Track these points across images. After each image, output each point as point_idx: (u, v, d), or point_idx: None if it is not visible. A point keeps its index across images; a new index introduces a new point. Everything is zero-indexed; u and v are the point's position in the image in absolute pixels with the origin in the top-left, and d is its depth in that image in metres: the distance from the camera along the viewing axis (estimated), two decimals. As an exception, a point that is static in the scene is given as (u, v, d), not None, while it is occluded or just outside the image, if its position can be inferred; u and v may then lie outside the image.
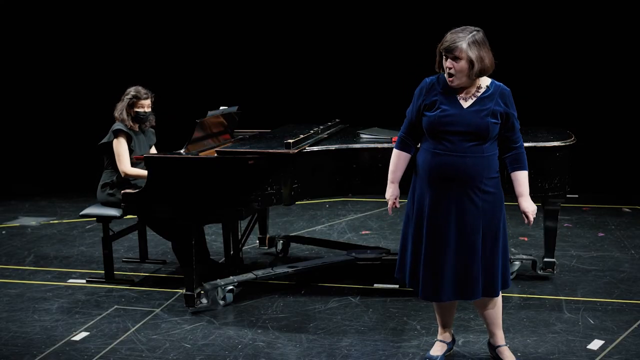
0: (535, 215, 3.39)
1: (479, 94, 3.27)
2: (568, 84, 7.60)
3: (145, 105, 4.91)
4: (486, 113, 3.23)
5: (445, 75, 3.25)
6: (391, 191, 3.54)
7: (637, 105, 7.64)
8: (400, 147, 3.48)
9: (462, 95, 3.27)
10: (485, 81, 3.31)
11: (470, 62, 3.17)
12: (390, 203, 3.55)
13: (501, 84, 3.33)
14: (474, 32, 3.20)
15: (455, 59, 3.18)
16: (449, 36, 3.22)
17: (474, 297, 3.36)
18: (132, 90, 4.90)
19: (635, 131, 7.67)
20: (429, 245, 3.33)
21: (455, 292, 3.36)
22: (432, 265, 3.33)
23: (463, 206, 3.27)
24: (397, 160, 3.50)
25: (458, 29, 3.24)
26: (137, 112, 4.88)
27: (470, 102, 3.26)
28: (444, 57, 3.23)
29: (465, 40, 3.16)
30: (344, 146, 4.41)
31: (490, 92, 3.27)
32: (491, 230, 3.31)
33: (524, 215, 3.40)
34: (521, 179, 3.38)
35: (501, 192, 3.35)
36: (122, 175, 4.79)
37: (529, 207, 3.38)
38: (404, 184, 3.52)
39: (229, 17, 8.21)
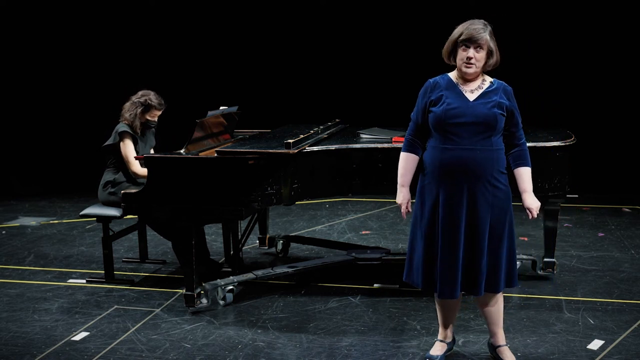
0: (538, 212, 3.40)
1: (484, 87, 3.32)
2: (568, 84, 7.60)
3: (157, 115, 4.93)
4: (492, 104, 3.26)
5: (462, 65, 3.26)
6: (402, 195, 3.48)
7: (637, 105, 7.64)
8: (408, 149, 3.44)
9: (468, 89, 3.31)
10: (488, 78, 3.37)
11: (490, 52, 3.26)
12: (403, 208, 3.49)
13: (503, 82, 3.38)
14: (487, 25, 3.29)
15: (478, 48, 3.23)
16: (468, 27, 3.25)
17: (479, 292, 3.35)
18: (152, 98, 4.86)
19: (635, 131, 7.66)
20: (444, 243, 3.31)
21: (463, 287, 3.36)
22: (448, 262, 3.31)
23: (475, 201, 3.27)
24: (406, 163, 3.45)
25: (472, 20, 3.29)
26: (148, 120, 4.89)
27: (476, 94, 3.30)
28: (462, 47, 3.25)
29: (486, 32, 3.25)
30: (344, 146, 4.41)
31: (494, 87, 3.33)
32: (499, 226, 3.32)
33: (527, 211, 3.40)
34: (525, 175, 3.39)
35: (509, 188, 3.35)
36: (134, 176, 4.80)
37: (533, 203, 3.39)
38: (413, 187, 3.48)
39: (229, 18, 8.21)
